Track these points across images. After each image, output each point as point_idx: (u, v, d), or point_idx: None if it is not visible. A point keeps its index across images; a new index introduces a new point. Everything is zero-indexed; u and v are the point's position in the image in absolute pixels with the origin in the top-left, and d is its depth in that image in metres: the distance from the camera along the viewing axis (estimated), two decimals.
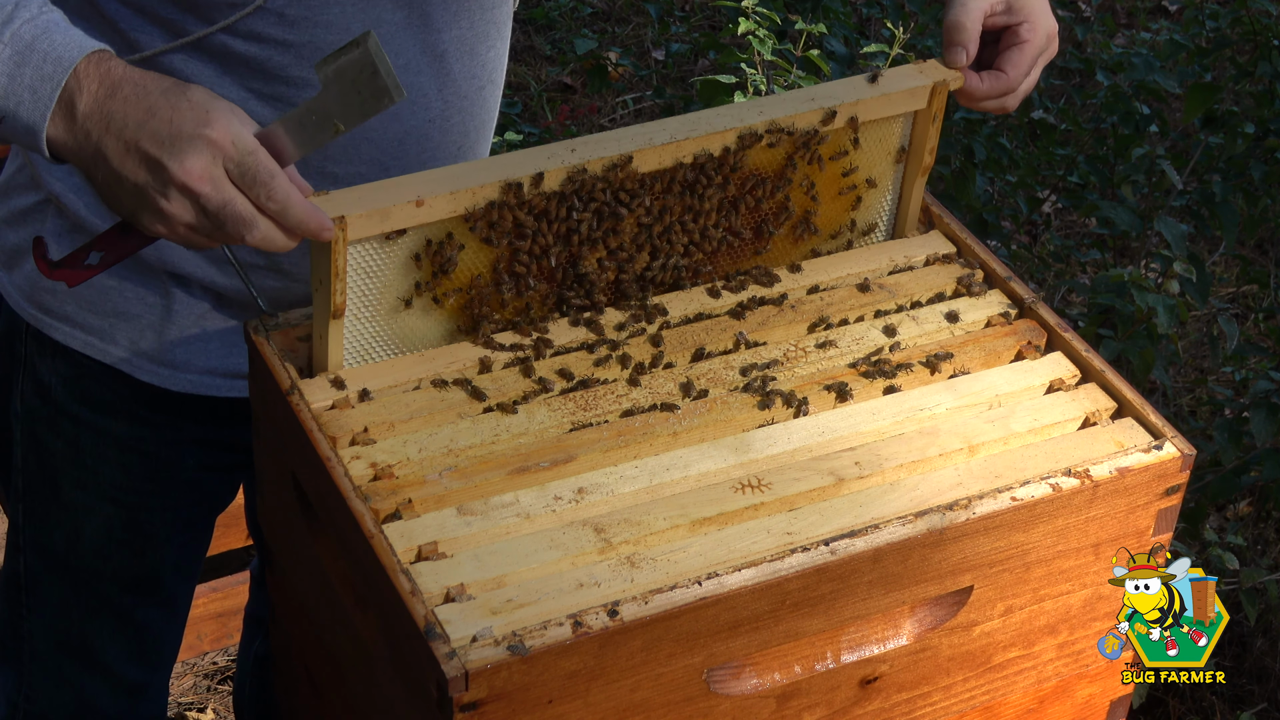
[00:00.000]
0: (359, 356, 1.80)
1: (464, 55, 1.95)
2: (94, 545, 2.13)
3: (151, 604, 2.19)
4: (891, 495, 1.70)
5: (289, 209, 1.63)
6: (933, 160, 1.97)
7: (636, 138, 1.81)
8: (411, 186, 1.74)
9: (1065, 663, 1.86)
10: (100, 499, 2.10)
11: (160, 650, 2.26)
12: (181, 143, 1.60)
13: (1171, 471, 1.77)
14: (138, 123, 1.61)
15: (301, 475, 1.77)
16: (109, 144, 1.62)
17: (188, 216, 1.62)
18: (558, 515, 1.66)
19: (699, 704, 1.64)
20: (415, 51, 1.90)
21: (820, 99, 1.88)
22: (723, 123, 1.84)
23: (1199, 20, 3.86)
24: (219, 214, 1.61)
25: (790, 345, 1.87)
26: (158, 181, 1.61)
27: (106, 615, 2.18)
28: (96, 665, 2.22)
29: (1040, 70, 1.96)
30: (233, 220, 1.62)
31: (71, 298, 2.00)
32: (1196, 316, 4.05)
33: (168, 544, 2.15)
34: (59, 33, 1.64)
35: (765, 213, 1.92)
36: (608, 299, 1.88)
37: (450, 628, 1.53)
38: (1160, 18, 5.14)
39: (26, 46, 1.63)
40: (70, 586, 2.17)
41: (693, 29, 5.04)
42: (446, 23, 1.91)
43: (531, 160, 1.78)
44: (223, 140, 1.60)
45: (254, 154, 1.61)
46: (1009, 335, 1.90)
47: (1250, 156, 3.62)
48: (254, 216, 1.63)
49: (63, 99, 1.63)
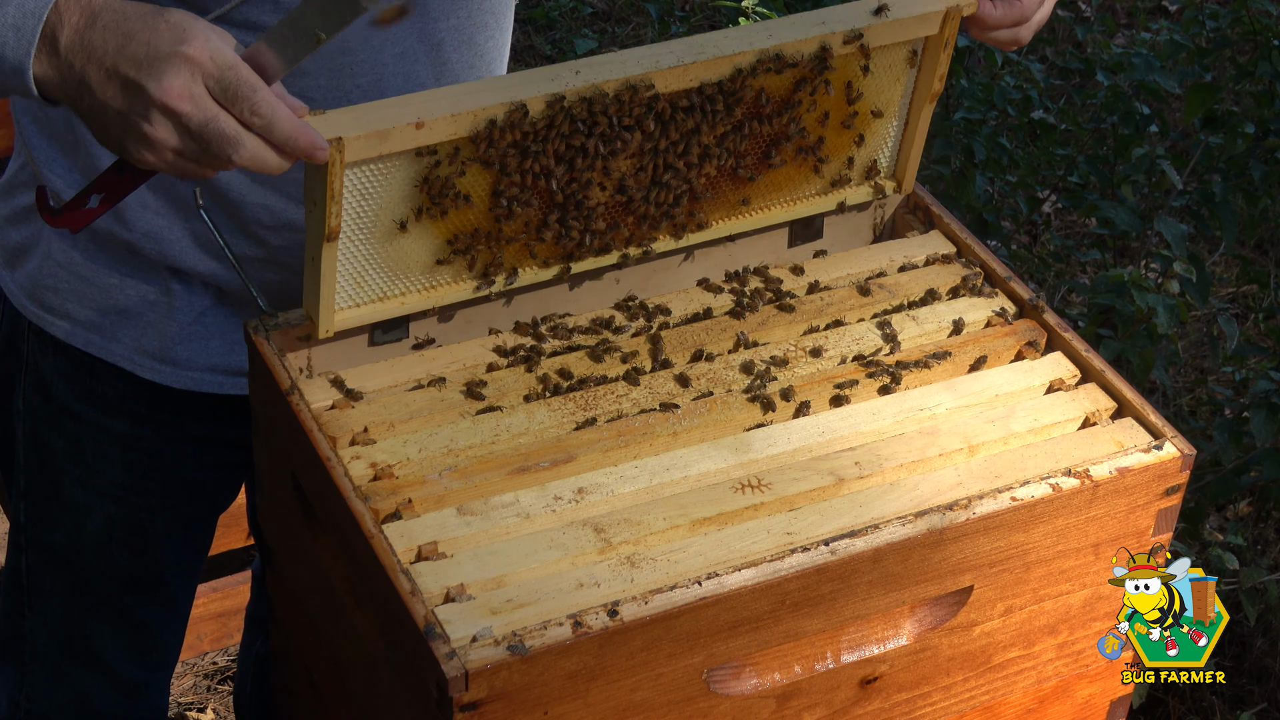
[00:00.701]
0: (352, 280, 1.76)
1: (461, 45, 1.94)
2: (95, 544, 2.13)
3: (152, 603, 2.19)
4: (891, 495, 1.70)
5: (275, 123, 1.58)
6: (941, 87, 1.92)
7: (643, 60, 1.76)
8: (411, 107, 1.68)
9: (1065, 663, 1.86)
10: (101, 497, 2.10)
11: (161, 649, 2.26)
12: (159, 62, 1.56)
13: (1171, 471, 1.77)
14: (116, 48, 1.58)
15: (301, 475, 1.77)
16: (91, 73, 1.59)
17: (172, 140, 1.58)
18: (558, 515, 1.66)
19: (699, 704, 1.64)
20: (412, 40, 1.89)
21: (831, 23, 1.83)
22: (731, 46, 1.79)
23: (1199, 20, 3.86)
24: (203, 132, 1.57)
25: (790, 345, 1.87)
26: (139, 105, 1.57)
27: (107, 614, 2.18)
28: (97, 664, 2.22)
29: (1047, 11, 1.90)
30: (217, 138, 1.57)
31: (73, 295, 2.00)
32: (1196, 316, 4.05)
33: (168, 543, 2.15)
34: None
35: (770, 136, 1.88)
36: (606, 224, 1.85)
37: (450, 628, 1.53)
38: (1160, 18, 5.14)
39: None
40: (71, 585, 2.17)
41: (693, 29, 5.04)
42: (444, 11, 1.91)
43: (535, 81, 1.73)
44: (201, 56, 1.56)
45: (234, 68, 1.56)
46: (1009, 335, 1.90)
47: (1250, 156, 3.61)
48: (239, 133, 1.57)
49: (44, 34, 1.60)
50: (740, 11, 3.26)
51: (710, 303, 1.92)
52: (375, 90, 1.89)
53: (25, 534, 2.19)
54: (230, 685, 3.24)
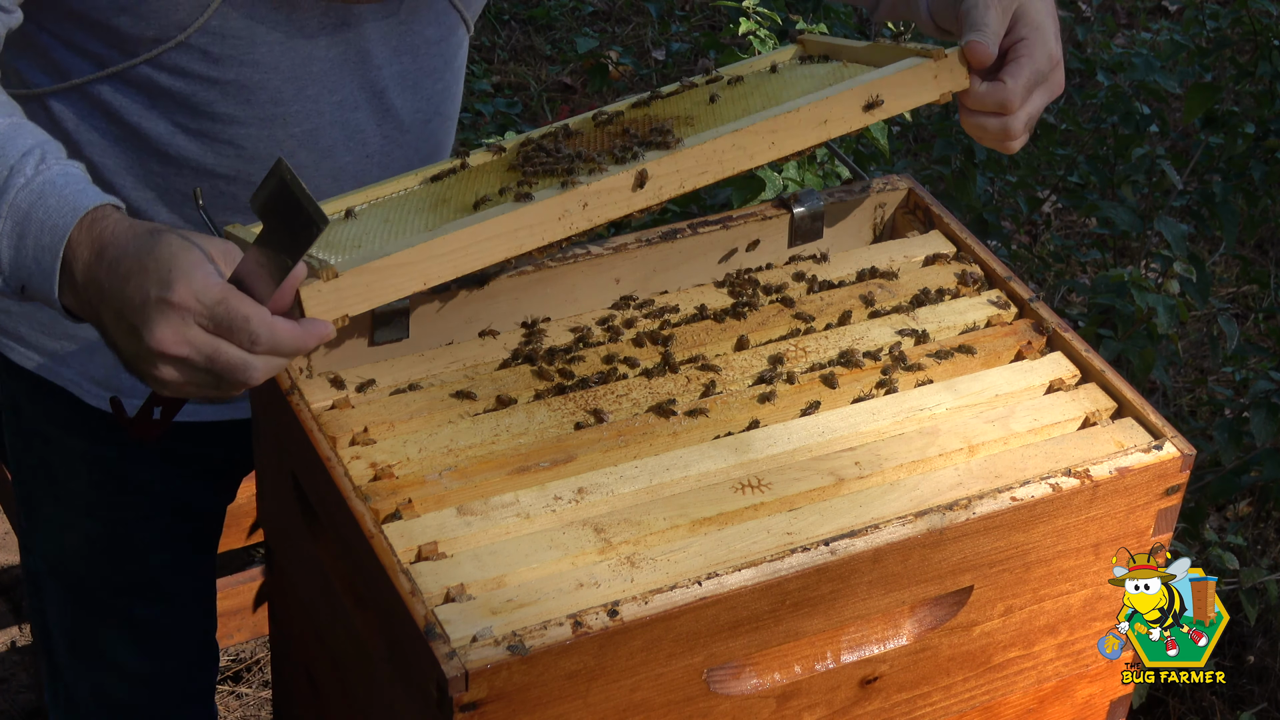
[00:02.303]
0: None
1: (406, 90, 1.92)
2: (79, 555, 2.14)
3: (148, 603, 2.19)
4: (891, 495, 1.70)
5: (278, 344, 1.55)
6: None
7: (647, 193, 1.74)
8: (416, 267, 1.66)
9: (1065, 663, 1.86)
10: (77, 514, 2.10)
11: (166, 643, 2.25)
12: (149, 311, 1.52)
13: (1171, 471, 1.77)
14: (116, 291, 1.54)
15: (301, 475, 1.77)
16: (104, 314, 1.56)
17: (182, 379, 1.55)
18: (558, 515, 1.66)
19: (699, 704, 1.64)
20: (352, 88, 1.88)
21: (832, 122, 1.82)
22: (737, 163, 1.78)
23: (1199, 20, 3.86)
24: (211, 368, 1.54)
25: (790, 345, 1.87)
26: (144, 351, 1.54)
27: (105, 616, 2.19)
28: (104, 660, 2.23)
29: (1042, 100, 1.87)
30: (226, 370, 1.54)
31: (25, 319, 1.98)
32: (1196, 316, 4.05)
33: (151, 550, 2.15)
34: (53, 196, 1.58)
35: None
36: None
37: (450, 628, 1.53)
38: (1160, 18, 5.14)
39: (24, 216, 1.57)
40: (68, 590, 2.18)
41: (693, 28, 5.05)
42: (386, 59, 1.89)
43: (545, 220, 1.71)
44: (186, 300, 1.51)
45: (223, 302, 1.52)
46: (1009, 335, 1.90)
47: (1250, 156, 3.62)
48: (246, 359, 1.54)
49: (64, 269, 1.57)
50: (741, 11, 3.25)
51: (710, 302, 1.92)
52: (311, 139, 1.87)
53: (29, 538, 2.20)
54: (230, 685, 3.24)
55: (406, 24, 1.90)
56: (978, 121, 1.86)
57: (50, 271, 1.57)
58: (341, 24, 1.85)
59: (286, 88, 1.85)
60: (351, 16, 1.84)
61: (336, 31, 1.85)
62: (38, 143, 1.60)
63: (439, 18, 1.94)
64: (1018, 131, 1.86)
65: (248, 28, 1.79)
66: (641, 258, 1.95)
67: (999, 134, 1.87)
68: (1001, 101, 1.84)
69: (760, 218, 1.99)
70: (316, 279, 1.62)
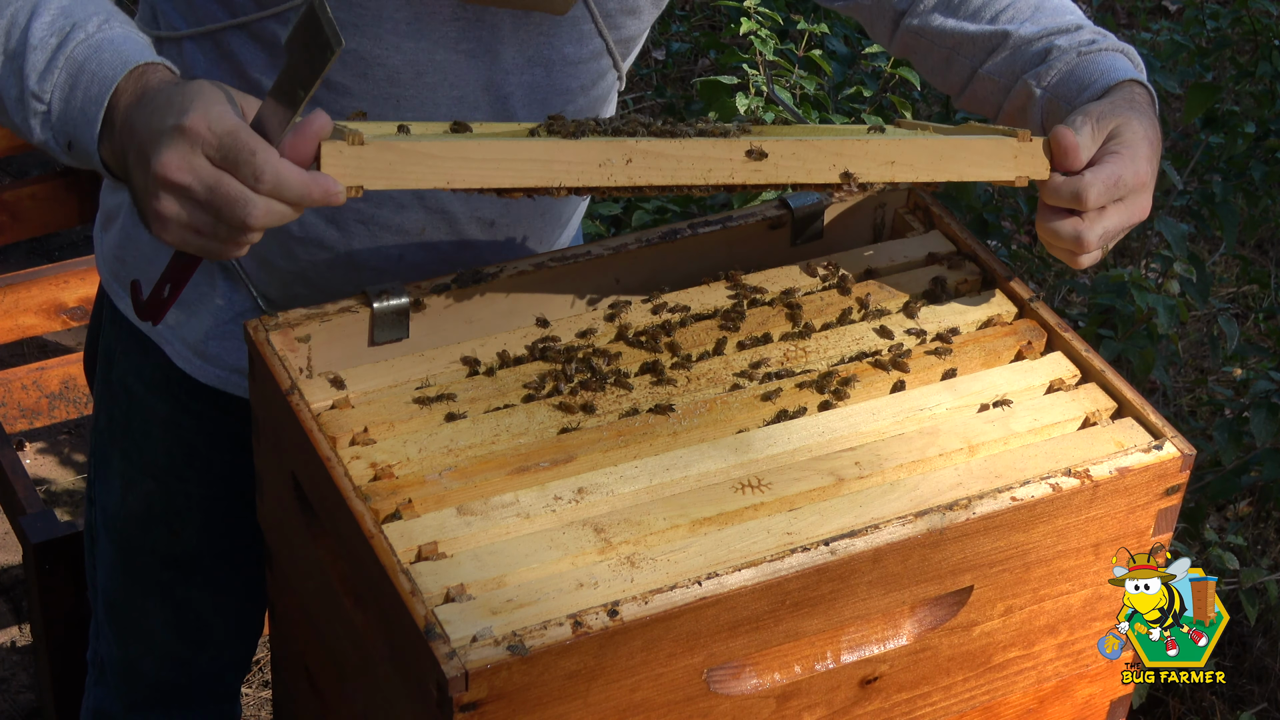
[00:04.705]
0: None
1: (534, 103, 1.89)
2: (136, 516, 2.16)
3: (190, 583, 2.21)
4: (891, 495, 1.70)
5: (282, 183, 1.52)
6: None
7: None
8: (444, 163, 1.60)
9: (1065, 663, 1.86)
10: (142, 473, 2.13)
11: (204, 630, 2.26)
12: (161, 138, 1.51)
13: (1171, 471, 1.77)
14: (143, 126, 1.54)
15: (301, 475, 1.77)
16: (130, 155, 1.56)
17: (182, 214, 1.53)
18: (558, 515, 1.66)
19: (699, 704, 1.64)
20: (475, 87, 1.85)
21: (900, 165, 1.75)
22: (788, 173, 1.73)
23: (1199, 20, 3.86)
24: (210, 200, 1.51)
25: (790, 345, 1.87)
26: (150, 182, 1.53)
27: (149, 586, 2.21)
28: (139, 631, 2.25)
29: (1120, 219, 1.75)
30: (225, 203, 1.51)
31: (138, 271, 1.97)
32: (1196, 316, 4.05)
33: (202, 528, 2.16)
34: (110, 50, 1.59)
35: None
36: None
37: (450, 628, 1.53)
38: (1160, 18, 5.14)
39: (78, 69, 1.59)
40: (119, 550, 2.21)
41: (693, 28, 5.04)
42: (517, 66, 1.86)
43: (584, 161, 1.66)
44: (198, 127, 1.50)
45: (233, 133, 1.50)
46: (1009, 335, 1.90)
47: (1250, 156, 3.61)
48: (246, 194, 1.51)
49: (105, 120, 1.57)
50: (742, 11, 3.25)
51: (710, 302, 1.92)
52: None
53: (93, 489, 2.23)
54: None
55: (546, 36, 1.86)
56: (1053, 226, 1.76)
57: (94, 120, 1.57)
58: (476, 20, 1.81)
59: (405, 70, 1.82)
60: (488, 14, 1.81)
61: (469, 27, 1.81)
62: (109, 11, 1.63)
63: (581, 39, 1.89)
64: (1091, 243, 1.75)
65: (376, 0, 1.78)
66: (641, 258, 1.94)
67: (1072, 241, 1.75)
68: (1076, 192, 1.73)
69: (760, 217, 1.99)
70: (342, 139, 1.57)
